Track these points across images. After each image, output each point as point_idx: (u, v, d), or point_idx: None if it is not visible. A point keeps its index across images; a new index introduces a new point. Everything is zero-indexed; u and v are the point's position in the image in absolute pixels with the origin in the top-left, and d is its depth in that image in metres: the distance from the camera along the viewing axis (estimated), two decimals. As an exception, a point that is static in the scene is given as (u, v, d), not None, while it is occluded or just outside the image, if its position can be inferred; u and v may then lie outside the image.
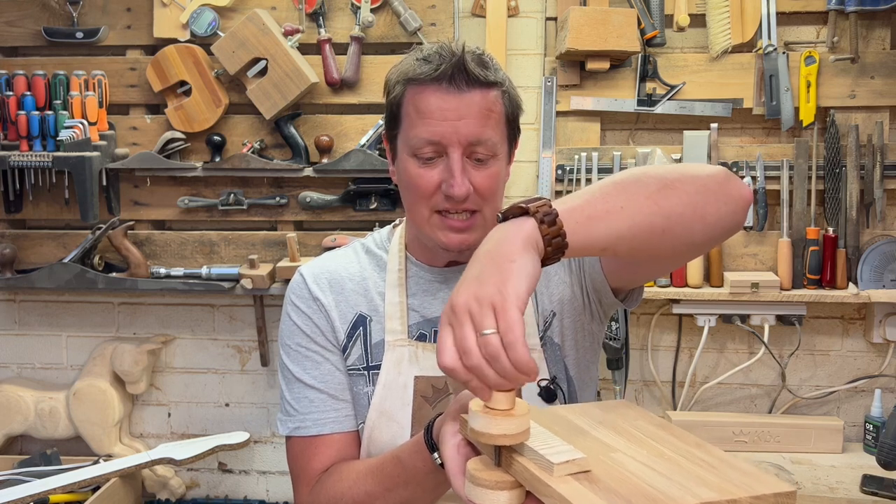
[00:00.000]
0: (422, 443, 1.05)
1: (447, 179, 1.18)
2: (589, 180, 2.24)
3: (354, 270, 1.34)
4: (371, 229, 2.27)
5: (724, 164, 2.20)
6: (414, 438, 1.09)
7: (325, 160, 2.26)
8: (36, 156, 2.21)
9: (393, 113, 1.24)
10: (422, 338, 1.29)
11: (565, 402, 1.27)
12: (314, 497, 1.26)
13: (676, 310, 2.27)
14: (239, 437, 2.27)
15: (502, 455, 0.86)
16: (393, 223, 1.40)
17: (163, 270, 2.31)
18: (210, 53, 2.25)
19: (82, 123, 2.22)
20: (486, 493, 0.84)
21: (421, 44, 2.18)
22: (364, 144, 2.23)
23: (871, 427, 2.23)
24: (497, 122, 1.21)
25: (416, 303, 1.30)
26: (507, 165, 1.28)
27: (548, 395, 1.26)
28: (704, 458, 0.84)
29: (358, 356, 1.29)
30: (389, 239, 1.36)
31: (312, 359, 1.31)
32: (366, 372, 1.29)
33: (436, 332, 1.28)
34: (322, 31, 2.25)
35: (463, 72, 1.16)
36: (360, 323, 1.30)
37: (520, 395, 1.24)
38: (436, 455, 1.02)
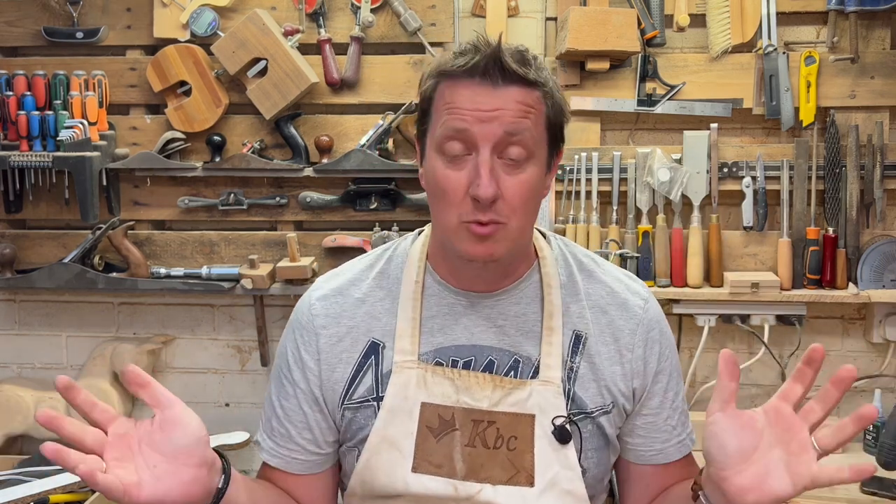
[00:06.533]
0: None
1: (474, 180, 1.08)
2: (589, 180, 2.24)
3: (371, 290, 1.26)
4: (371, 229, 2.27)
5: (723, 164, 2.21)
6: None
7: (325, 160, 2.26)
8: (36, 156, 2.21)
9: (423, 108, 1.16)
10: (437, 364, 1.20)
11: (580, 446, 1.20)
12: None
13: (676, 310, 2.27)
14: (239, 437, 2.27)
15: None
16: (418, 230, 1.31)
17: (163, 270, 2.31)
18: (210, 53, 2.25)
19: (82, 123, 2.21)
20: None
21: (420, 44, 2.19)
22: (364, 144, 2.22)
23: (871, 427, 2.23)
24: (536, 120, 1.11)
25: (436, 325, 1.22)
26: (547, 177, 1.17)
27: (561, 435, 1.17)
28: None
29: (367, 387, 1.21)
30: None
31: (286, 389, 1.26)
32: (375, 403, 1.20)
33: (453, 360, 1.20)
34: (322, 31, 2.25)
35: (498, 65, 1.08)
36: (373, 351, 1.22)
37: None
38: None
